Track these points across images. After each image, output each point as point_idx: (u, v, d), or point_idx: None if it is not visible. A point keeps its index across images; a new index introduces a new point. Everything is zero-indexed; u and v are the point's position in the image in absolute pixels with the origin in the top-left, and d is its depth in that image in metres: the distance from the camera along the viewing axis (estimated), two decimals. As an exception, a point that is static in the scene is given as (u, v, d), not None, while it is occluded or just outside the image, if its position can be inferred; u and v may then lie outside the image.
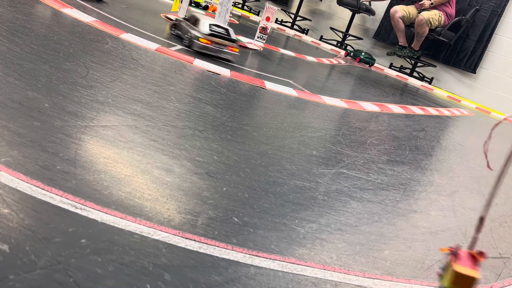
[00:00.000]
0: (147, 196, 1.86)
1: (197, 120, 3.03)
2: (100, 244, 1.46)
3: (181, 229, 1.70)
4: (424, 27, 11.36)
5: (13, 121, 2.07)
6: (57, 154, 1.93)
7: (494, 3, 11.50)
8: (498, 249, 2.61)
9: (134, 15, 6.52)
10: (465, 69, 12.07)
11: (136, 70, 3.70)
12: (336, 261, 1.88)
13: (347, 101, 5.65)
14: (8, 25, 3.54)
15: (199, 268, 1.52)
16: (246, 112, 3.73)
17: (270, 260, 1.71)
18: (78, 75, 3.02)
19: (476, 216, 3.20)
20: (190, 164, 2.29)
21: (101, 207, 1.66)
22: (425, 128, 5.76)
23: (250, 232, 1.86)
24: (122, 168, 2.01)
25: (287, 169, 2.69)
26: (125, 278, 1.35)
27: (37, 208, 1.54)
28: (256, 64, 6.39)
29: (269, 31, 8.40)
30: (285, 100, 4.61)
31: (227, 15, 7.66)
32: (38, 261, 1.30)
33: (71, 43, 3.76)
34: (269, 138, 3.16)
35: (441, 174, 3.85)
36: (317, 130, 3.86)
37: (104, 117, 2.51)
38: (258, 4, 15.59)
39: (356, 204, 2.54)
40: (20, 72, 2.69)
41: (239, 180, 2.31)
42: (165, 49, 4.84)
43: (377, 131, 4.70)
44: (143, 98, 3.05)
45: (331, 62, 9.88)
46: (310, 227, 2.09)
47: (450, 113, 8.09)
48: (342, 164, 3.16)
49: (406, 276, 1.95)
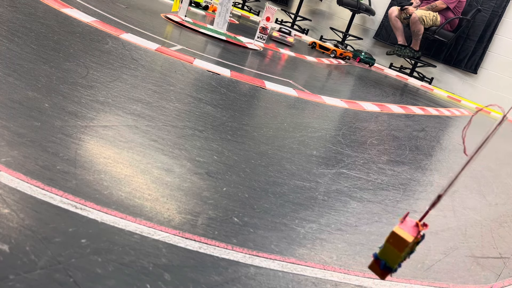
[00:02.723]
0: (147, 196, 1.85)
1: (197, 120, 3.03)
2: (100, 244, 1.46)
3: (181, 229, 1.70)
4: (418, 25, 11.34)
5: (13, 121, 2.07)
6: (57, 154, 1.93)
7: (495, 3, 11.49)
8: (498, 249, 2.60)
9: (134, 15, 6.51)
10: (466, 69, 12.06)
11: (136, 70, 3.70)
12: (336, 261, 1.88)
13: (347, 101, 5.65)
14: (8, 25, 3.54)
15: (199, 268, 1.52)
16: (246, 112, 3.72)
17: (270, 260, 1.71)
18: (78, 75, 3.02)
19: (476, 216, 3.20)
20: (190, 164, 2.29)
21: (101, 207, 1.66)
22: (425, 128, 5.76)
23: (250, 232, 1.85)
24: (122, 168, 2.01)
25: (287, 169, 2.69)
26: (125, 278, 1.35)
27: (37, 208, 1.53)
28: (256, 64, 6.39)
29: (269, 31, 8.40)
30: (285, 100, 4.61)
31: (227, 15, 7.66)
32: (38, 261, 1.30)
33: (71, 43, 3.76)
34: (269, 138, 3.16)
35: (441, 174, 3.85)
36: (317, 130, 3.86)
37: (104, 117, 2.51)
38: (258, 4, 15.58)
39: (356, 204, 2.54)
40: (20, 72, 2.68)
41: (239, 180, 2.31)
42: (165, 49, 4.84)
43: (377, 131, 4.70)
44: (143, 98, 3.05)
45: (331, 62, 9.87)
46: (310, 227, 2.08)
47: (450, 113, 8.08)
48: (342, 164, 3.16)
49: (406, 276, 1.95)
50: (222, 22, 7.66)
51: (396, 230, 0.91)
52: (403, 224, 0.93)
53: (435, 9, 11.37)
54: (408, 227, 0.92)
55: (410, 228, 0.92)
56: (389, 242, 0.91)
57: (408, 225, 0.92)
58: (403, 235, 0.90)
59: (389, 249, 0.91)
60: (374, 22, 13.68)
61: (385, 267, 0.93)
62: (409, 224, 0.92)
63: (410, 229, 0.91)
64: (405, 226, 0.92)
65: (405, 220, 0.93)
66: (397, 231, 0.91)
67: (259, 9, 15.46)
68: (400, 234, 0.90)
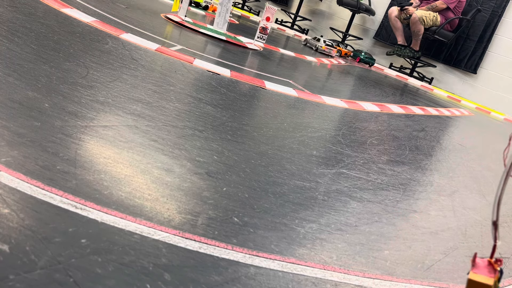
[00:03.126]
0: (147, 196, 1.85)
1: (197, 120, 3.03)
2: (100, 244, 1.46)
3: (181, 229, 1.70)
4: (418, 25, 11.34)
5: (13, 121, 2.07)
6: (57, 154, 1.93)
7: (495, 3, 11.49)
8: (498, 249, 2.60)
9: (134, 15, 6.51)
10: (466, 69, 12.07)
11: (136, 70, 3.70)
12: (336, 261, 1.88)
13: (347, 101, 5.65)
14: (8, 25, 3.53)
15: (199, 268, 1.52)
16: (246, 112, 3.72)
17: (270, 260, 1.71)
18: (78, 75, 3.02)
19: (476, 216, 3.20)
20: (190, 164, 2.29)
21: (101, 207, 1.66)
22: (425, 128, 5.76)
23: (250, 232, 1.85)
24: (122, 168, 2.01)
25: (287, 169, 2.69)
26: (125, 278, 1.35)
27: (37, 208, 1.53)
28: (256, 64, 6.39)
29: (269, 31, 8.40)
30: (285, 100, 4.61)
31: (227, 15, 7.66)
32: (38, 261, 1.30)
33: (71, 43, 3.76)
34: (269, 138, 3.16)
35: (441, 174, 3.85)
36: (317, 130, 3.86)
37: (104, 117, 2.51)
38: (258, 4, 15.59)
39: (356, 204, 2.54)
40: (20, 72, 2.68)
41: (239, 180, 2.31)
42: (165, 49, 4.84)
43: (377, 131, 4.70)
44: (143, 98, 3.05)
45: (331, 62, 9.87)
46: (310, 227, 2.08)
47: (450, 113, 8.09)
48: (342, 164, 3.16)
49: (406, 276, 1.95)
50: (222, 22, 7.66)
51: (472, 276, 0.84)
52: (476, 268, 0.87)
53: (435, 9, 11.37)
54: (482, 269, 0.87)
55: (485, 270, 0.87)
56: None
57: (481, 267, 0.87)
58: (482, 280, 0.83)
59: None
60: (374, 22, 13.68)
61: None
62: (482, 265, 0.88)
63: (486, 271, 0.87)
64: (478, 269, 0.87)
65: (476, 262, 0.87)
66: (474, 278, 0.84)
67: (259, 9, 15.46)
68: (478, 280, 0.84)
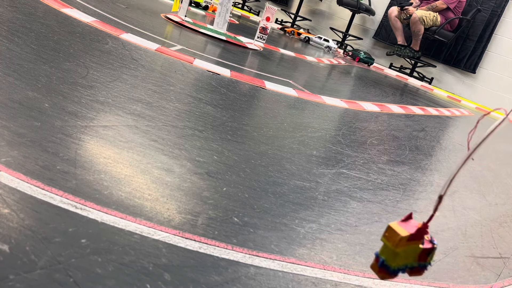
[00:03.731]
0: (147, 196, 1.85)
1: (197, 120, 3.03)
2: (100, 244, 1.46)
3: (181, 229, 1.70)
4: (418, 25, 11.34)
5: (13, 121, 2.07)
6: (57, 154, 1.93)
7: (494, 3, 11.49)
8: (498, 249, 2.61)
9: (134, 15, 6.51)
10: (465, 69, 12.07)
11: (136, 70, 3.70)
12: (336, 261, 1.88)
13: (347, 101, 5.65)
14: (8, 25, 3.54)
15: (199, 268, 1.52)
16: (246, 112, 3.72)
17: (270, 260, 1.71)
18: (78, 75, 3.02)
19: (476, 216, 3.20)
20: (190, 164, 2.29)
21: (101, 207, 1.66)
22: (425, 128, 5.76)
23: (250, 232, 1.85)
24: (122, 168, 2.01)
25: (287, 169, 2.69)
26: (125, 278, 1.35)
27: (37, 208, 1.53)
28: (256, 64, 6.39)
29: (269, 31, 8.40)
30: (285, 100, 4.61)
31: (227, 15, 7.66)
32: (38, 261, 1.30)
33: (71, 43, 3.76)
34: (269, 138, 3.16)
35: (441, 174, 3.85)
36: (317, 130, 3.86)
37: (104, 117, 2.51)
38: (258, 4, 15.59)
39: (356, 204, 2.54)
40: (20, 72, 2.68)
41: (239, 180, 2.31)
42: (165, 49, 4.84)
43: (377, 131, 4.70)
44: (143, 98, 3.05)
45: (331, 62, 9.88)
46: (310, 227, 2.08)
47: (450, 113, 8.09)
48: (342, 164, 3.16)
49: (406, 276, 1.95)
50: (222, 22, 7.67)
51: (392, 224, 0.90)
52: (403, 222, 0.92)
53: (435, 9, 11.37)
54: (407, 225, 0.91)
55: (408, 226, 0.91)
56: (384, 236, 0.91)
57: (408, 224, 0.92)
58: (397, 229, 0.89)
59: (385, 244, 0.91)
60: (374, 22, 13.69)
61: (382, 265, 0.92)
62: (410, 224, 0.92)
63: (408, 227, 0.90)
64: (404, 223, 0.92)
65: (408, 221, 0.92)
66: (392, 225, 0.90)
67: (259, 9, 15.47)
68: (394, 228, 0.89)
